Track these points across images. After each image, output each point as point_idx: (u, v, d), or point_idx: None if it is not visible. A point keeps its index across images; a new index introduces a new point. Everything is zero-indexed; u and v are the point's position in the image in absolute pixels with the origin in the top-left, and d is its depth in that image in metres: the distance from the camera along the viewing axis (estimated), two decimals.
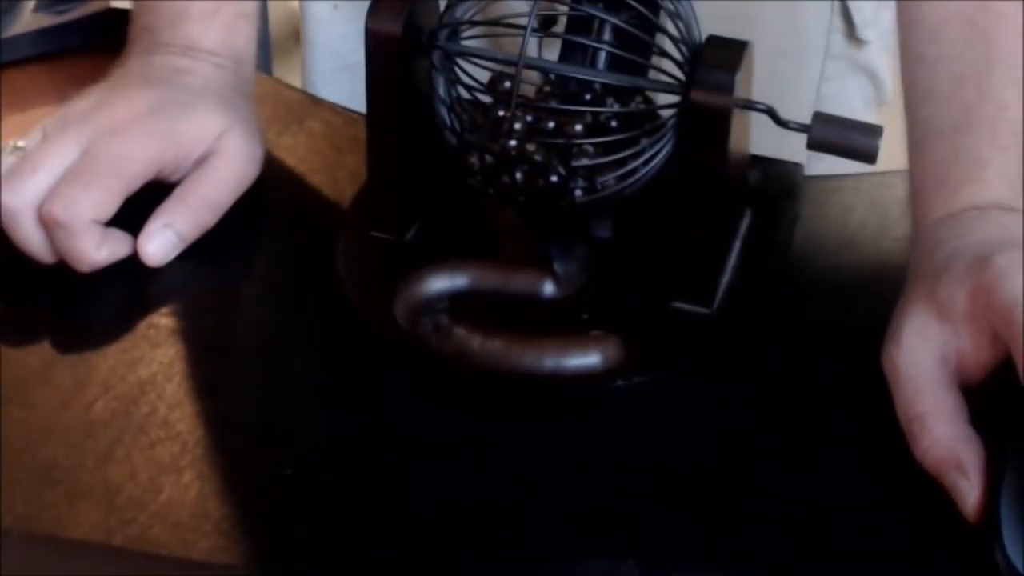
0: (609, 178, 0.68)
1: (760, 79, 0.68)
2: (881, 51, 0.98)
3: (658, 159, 0.68)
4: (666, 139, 0.67)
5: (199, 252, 0.76)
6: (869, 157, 0.67)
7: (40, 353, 0.71)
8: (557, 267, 0.71)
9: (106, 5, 0.99)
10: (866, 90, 0.99)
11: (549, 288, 0.71)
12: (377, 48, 0.70)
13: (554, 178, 0.68)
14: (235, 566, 0.60)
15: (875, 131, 0.67)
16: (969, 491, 0.60)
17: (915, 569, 0.60)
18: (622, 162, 0.69)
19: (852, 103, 0.98)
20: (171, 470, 0.64)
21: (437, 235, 0.75)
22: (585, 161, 0.68)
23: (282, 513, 0.63)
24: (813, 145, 0.68)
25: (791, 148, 0.73)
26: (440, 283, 0.71)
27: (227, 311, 0.76)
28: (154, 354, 0.70)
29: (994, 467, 0.60)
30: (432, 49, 0.70)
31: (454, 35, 0.70)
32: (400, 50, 0.69)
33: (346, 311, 0.71)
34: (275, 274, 0.78)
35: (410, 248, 0.74)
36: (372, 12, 0.69)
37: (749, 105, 0.68)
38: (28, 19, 0.98)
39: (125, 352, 0.71)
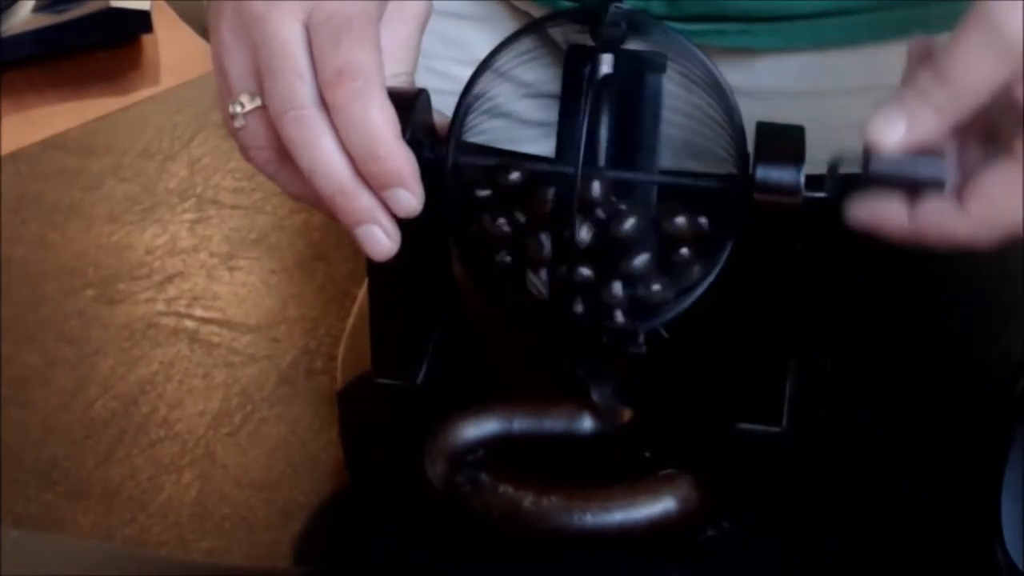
0: (671, 299, 0.59)
1: None
2: None
3: (718, 267, 0.59)
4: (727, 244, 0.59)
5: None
6: (938, 185, 0.55)
7: (40, 353, 0.71)
8: (594, 394, 0.62)
9: (106, 5, 0.99)
10: None
11: (588, 422, 0.63)
12: None
13: (622, 314, 0.59)
14: (235, 566, 0.60)
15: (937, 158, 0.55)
16: None
17: (915, 569, 0.60)
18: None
19: None
20: (171, 470, 0.64)
21: (449, 372, 0.66)
22: (657, 288, 0.59)
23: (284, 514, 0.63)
24: (871, 179, 0.55)
25: None
26: (469, 432, 0.62)
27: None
28: (154, 354, 0.70)
29: (994, 466, 0.61)
30: (464, 167, 0.59)
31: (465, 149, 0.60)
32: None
33: (368, 474, 0.64)
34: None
35: (424, 393, 0.64)
36: None
37: (811, 197, 0.56)
38: (28, 19, 0.98)
39: (125, 352, 0.71)
